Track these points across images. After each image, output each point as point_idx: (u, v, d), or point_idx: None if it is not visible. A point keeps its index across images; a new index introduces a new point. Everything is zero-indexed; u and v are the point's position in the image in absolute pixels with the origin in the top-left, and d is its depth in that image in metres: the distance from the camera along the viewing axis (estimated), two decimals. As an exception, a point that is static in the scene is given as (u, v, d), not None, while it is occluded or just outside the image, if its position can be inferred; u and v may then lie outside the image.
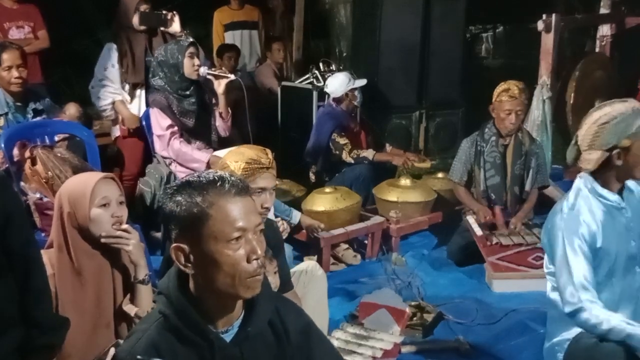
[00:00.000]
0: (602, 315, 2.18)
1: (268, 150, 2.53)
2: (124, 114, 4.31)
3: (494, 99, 4.07)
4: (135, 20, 4.23)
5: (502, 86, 4.05)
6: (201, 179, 1.55)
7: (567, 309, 2.25)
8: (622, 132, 2.25)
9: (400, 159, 4.75)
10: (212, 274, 1.52)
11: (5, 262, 1.85)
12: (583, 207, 2.31)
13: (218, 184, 1.53)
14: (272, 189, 2.51)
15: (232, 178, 1.57)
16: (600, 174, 2.34)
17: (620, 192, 2.37)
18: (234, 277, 1.51)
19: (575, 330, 2.35)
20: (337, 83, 4.81)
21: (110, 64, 4.28)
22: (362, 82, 4.83)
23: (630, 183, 2.41)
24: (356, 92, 4.79)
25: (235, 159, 2.44)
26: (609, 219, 2.31)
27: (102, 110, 4.38)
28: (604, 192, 2.33)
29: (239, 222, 1.52)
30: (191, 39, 4.02)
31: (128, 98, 4.35)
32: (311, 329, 1.76)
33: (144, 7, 4.23)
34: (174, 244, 1.54)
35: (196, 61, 3.94)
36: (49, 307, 2.05)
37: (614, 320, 2.17)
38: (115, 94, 4.31)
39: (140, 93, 4.33)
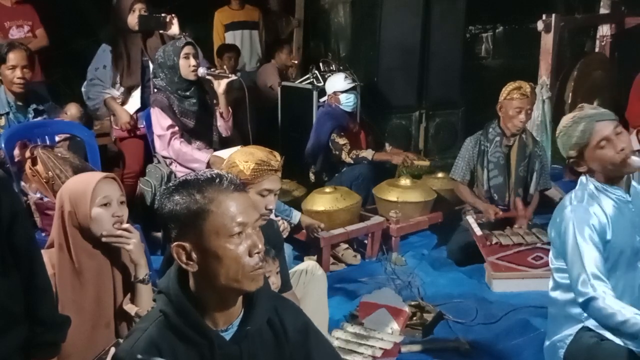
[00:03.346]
0: (616, 306, 2.13)
1: (276, 153, 2.53)
2: (116, 109, 4.32)
3: (502, 97, 4.04)
4: (131, 20, 4.23)
5: (512, 85, 4.02)
6: (198, 177, 1.56)
7: (580, 299, 2.21)
8: (565, 144, 2.38)
9: (399, 157, 4.75)
10: (216, 269, 1.52)
11: (11, 260, 1.86)
12: (592, 200, 2.33)
13: (216, 180, 1.55)
14: (276, 191, 2.52)
15: (229, 175, 1.58)
16: (596, 173, 2.37)
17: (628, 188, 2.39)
18: (237, 272, 1.52)
19: (576, 328, 2.35)
20: (330, 82, 4.90)
21: (102, 64, 4.29)
22: (342, 86, 4.79)
23: (634, 182, 2.44)
24: (340, 96, 4.79)
25: (244, 159, 2.43)
26: (617, 212, 2.32)
27: (95, 110, 4.39)
28: (608, 186, 2.35)
29: (240, 217, 1.53)
30: (187, 40, 4.00)
31: (117, 93, 4.34)
32: (309, 329, 1.76)
33: (139, 7, 4.22)
34: (175, 243, 1.55)
35: (192, 62, 3.92)
36: (52, 305, 2.06)
37: (629, 312, 2.11)
38: (105, 93, 4.32)
39: (135, 94, 4.34)
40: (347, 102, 4.80)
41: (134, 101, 4.35)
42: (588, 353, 2.28)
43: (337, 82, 4.83)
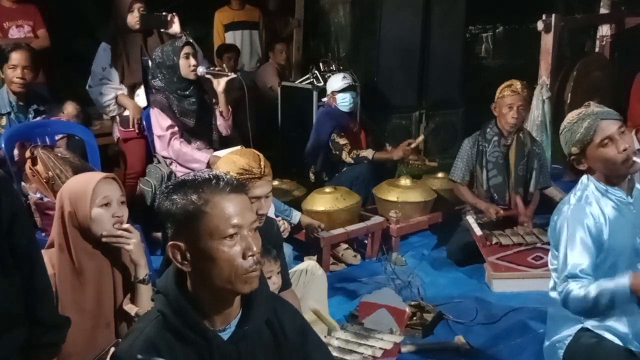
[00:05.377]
0: (584, 289, 2.16)
1: (261, 156, 2.49)
2: (128, 104, 4.30)
3: (496, 97, 4.09)
4: (130, 20, 4.22)
5: (505, 83, 4.09)
6: (196, 177, 1.57)
7: (560, 299, 2.24)
8: (568, 141, 2.37)
9: (399, 152, 4.69)
10: (209, 270, 1.53)
11: (11, 260, 1.86)
12: (591, 200, 2.33)
13: (213, 181, 1.55)
14: (266, 195, 2.47)
15: (227, 176, 1.58)
16: (597, 172, 2.37)
17: (631, 190, 2.38)
18: (230, 273, 1.53)
19: (576, 328, 2.36)
20: (329, 82, 4.91)
21: (108, 63, 4.28)
22: (338, 86, 4.77)
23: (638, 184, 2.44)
24: (337, 96, 4.78)
25: (227, 168, 2.39)
26: (617, 214, 2.32)
27: (105, 106, 4.35)
28: (608, 187, 2.35)
29: (234, 219, 1.52)
30: (186, 39, 3.99)
31: (125, 92, 4.34)
32: (307, 330, 1.77)
33: (137, 7, 4.21)
34: (171, 242, 1.55)
35: (192, 61, 3.92)
36: (52, 306, 2.06)
37: (595, 287, 2.14)
38: (117, 89, 4.31)
39: (140, 92, 4.33)
40: (343, 102, 4.76)
41: (140, 100, 4.34)
42: (587, 353, 2.29)
43: (334, 82, 4.83)
